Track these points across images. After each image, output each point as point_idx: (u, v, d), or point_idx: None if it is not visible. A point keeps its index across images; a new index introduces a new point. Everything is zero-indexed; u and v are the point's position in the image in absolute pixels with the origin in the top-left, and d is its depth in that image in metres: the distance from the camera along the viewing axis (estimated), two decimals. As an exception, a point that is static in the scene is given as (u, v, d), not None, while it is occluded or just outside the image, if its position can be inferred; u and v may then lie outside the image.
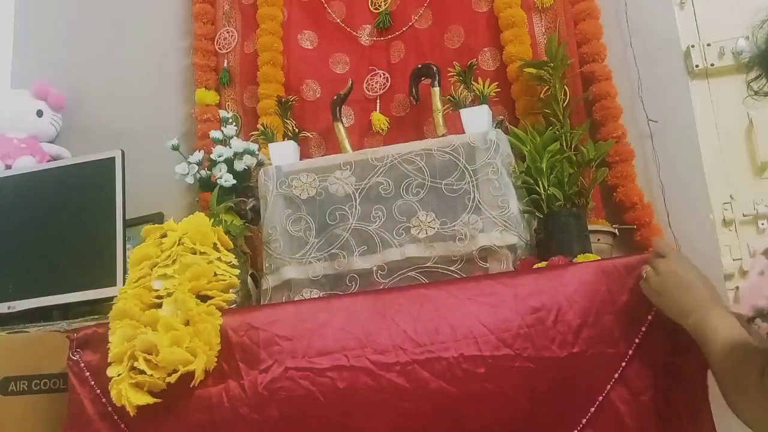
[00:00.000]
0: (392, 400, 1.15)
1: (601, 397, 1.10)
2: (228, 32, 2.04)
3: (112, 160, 1.76)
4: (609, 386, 1.10)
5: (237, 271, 1.34)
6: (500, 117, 1.70)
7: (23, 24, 2.39)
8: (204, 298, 1.26)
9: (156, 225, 1.38)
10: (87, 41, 2.26)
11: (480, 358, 1.14)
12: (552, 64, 1.59)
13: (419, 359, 1.15)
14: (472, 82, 1.57)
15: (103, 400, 1.23)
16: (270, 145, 1.67)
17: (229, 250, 1.37)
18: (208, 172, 1.71)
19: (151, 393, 1.18)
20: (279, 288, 1.50)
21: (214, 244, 1.34)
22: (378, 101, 1.86)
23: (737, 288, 1.63)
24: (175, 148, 1.73)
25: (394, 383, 1.15)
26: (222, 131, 1.72)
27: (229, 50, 2.02)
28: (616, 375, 1.11)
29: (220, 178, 1.66)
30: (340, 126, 1.70)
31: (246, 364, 1.21)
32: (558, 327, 1.13)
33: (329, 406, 1.16)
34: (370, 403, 1.16)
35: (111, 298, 1.31)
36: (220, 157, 1.68)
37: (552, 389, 1.12)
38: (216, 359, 1.21)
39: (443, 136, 1.55)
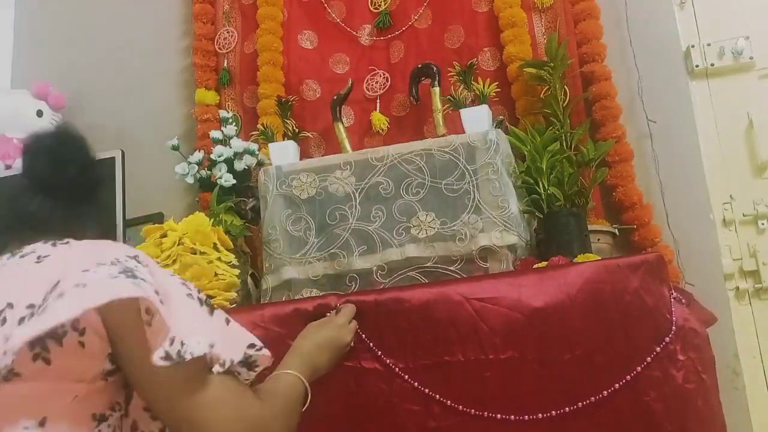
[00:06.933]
0: (401, 403, 1.15)
1: (605, 393, 1.10)
2: (228, 32, 2.04)
3: (112, 160, 1.75)
4: (615, 387, 1.10)
5: (237, 271, 1.35)
6: (500, 117, 1.71)
7: (23, 24, 2.39)
8: (204, 298, 1.26)
9: (156, 225, 1.38)
10: (87, 41, 2.26)
11: (485, 361, 1.13)
12: (552, 64, 1.59)
13: (426, 363, 1.15)
14: (472, 82, 1.58)
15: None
16: (270, 145, 1.67)
17: (229, 250, 1.37)
18: (208, 172, 1.71)
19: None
20: (279, 288, 1.50)
21: (214, 244, 1.34)
22: (378, 101, 1.86)
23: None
24: (175, 148, 1.73)
25: (404, 387, 1.15)
26: (222, 131, 1.72)
27: (229, 50, 2.03)
28: (626, 377, 1.10)
29: (220, 178, 1.66)
30: (340, 126, 1.70)
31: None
32: (562, 328, 1.13)
33: (339, 407, 1.16)
34: (379, 405, 1.15)
35: (111, 298, 1.31)
36: (220, 157, 1.68)
37: (559, 391, 1.11)
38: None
39: (443, 136, 1.55)
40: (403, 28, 1.89)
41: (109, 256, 0.79)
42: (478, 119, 1.50)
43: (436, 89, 1.64)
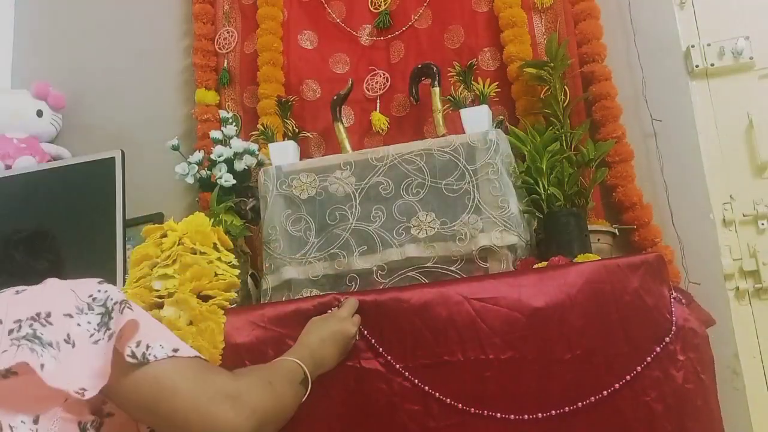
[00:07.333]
0: (401, 403, 1.15)
1: (605, 393, 1.10)
2: (228, 32, 2.04)
3: (112, 160, 1.75)
4: (615, 387, 1.10)
5: (237, 271, 1.34)
6: (500, 117, 1.70)
7: (23, 24, 2.39)
8: (205, 299, 1.26)
9: (156, 225, 1.38)
10: (87, 41, 2.26)
11: (485, 361, 1.13)
12: (552, 64, 1.59)
13: (426, 362, 1.15)
14: (472, 82, 1.57)
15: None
16: (270, 145, 1.67)
17: (229, 250, 1.37)
18: (208, 172, 1.71)
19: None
20: (279, 288, 1.50)
21: (214, 244, 1.34)
22: (378, 101, 1.86)
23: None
24: (175, 148, 1.73)
25: (404, 386, 1.15)
26: (222, 131, 1.72)
27: (229, 50, 2.02)
28: (626, 377, 1.11)
29: (220, 178, 1.66)
30: (340, 126, 1.70)
31: (253, 364, 1.20)
32: (562, 328, 1.13)
33: (340, 407, 1.16)
34: (379, 404, 1.16)
35: (111, 299, 1.31)
36: (220, 157, 1.68)
37: (559, 391, 1.11)
38: (221, 358, 1.20)
39: (443, 136, 1.55)
40: (403, 28, 1.89)
41: (85, 293, 0.87)
42: (478, 119, 1.50)
43: (436, 89, 1.64)
